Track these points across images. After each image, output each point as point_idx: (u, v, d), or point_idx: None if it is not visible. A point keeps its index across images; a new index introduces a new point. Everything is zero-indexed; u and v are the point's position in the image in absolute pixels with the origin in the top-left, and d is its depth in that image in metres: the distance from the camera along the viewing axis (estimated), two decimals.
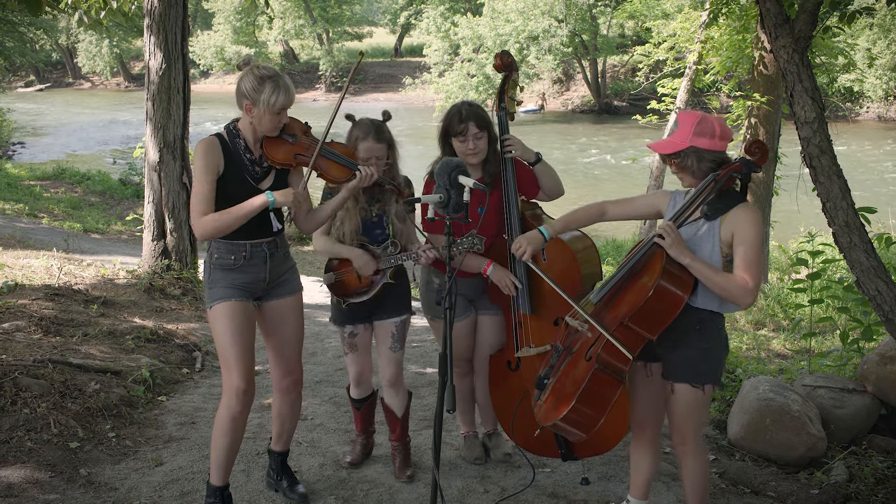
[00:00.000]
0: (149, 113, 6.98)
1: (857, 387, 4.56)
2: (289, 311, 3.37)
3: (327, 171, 3.30)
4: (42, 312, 5.53)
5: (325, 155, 3.28)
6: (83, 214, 12.99)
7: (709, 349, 2.93)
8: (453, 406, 2.71)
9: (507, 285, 3.58)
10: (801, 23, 4.06)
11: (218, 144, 3.17)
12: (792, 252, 9.97)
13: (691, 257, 2.83)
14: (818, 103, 4.09)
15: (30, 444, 3.74)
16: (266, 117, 3.12)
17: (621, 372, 2.89)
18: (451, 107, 3.69)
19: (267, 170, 3.26)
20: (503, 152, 3.65)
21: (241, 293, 3.20)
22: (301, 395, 3.55)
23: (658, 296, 2.81)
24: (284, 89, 3.11)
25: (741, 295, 2.78)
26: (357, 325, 3.72)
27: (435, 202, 2.95)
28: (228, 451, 3.24)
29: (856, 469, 4.05)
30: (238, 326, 3.16)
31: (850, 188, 4.14)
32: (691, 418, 2.99)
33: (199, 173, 3.12)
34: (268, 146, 3.22)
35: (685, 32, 13.91)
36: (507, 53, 3.74)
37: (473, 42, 30.02)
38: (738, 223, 2.83)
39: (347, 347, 3.78)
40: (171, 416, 4.48)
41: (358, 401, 3.92)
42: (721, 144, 2.88)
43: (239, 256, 3.21)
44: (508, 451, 3.99)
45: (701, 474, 3.08)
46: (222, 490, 3.30)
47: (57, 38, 46.70)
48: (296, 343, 3.41)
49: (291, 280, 3.39)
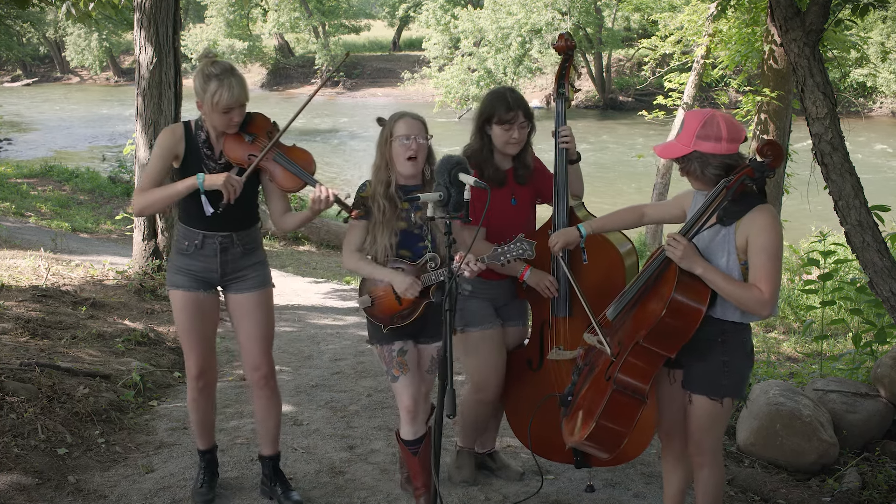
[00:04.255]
0: (139, 109, 6.97)
1: (870, 391, 4.56)
2: (250, 307, 3.46)
3: (275, 177, 3.32)
4: (29, 314, 5.53)
5: (276, 159, 3.29)
6: (71, 213, 12.98)
7: (729, 362, 2.87)
8: (453, 411, 2.69)
9: (547, 287, 3.50)
10: (812, 15, 4.06)
11: (181, 132, 3.33)
12: (803, 252, 9.97)
13: (704, 266, 2.76)
14: (830, 98, 4.09)
15: (16, 451, 3.73)
16: (214, 115, 3.22)
17: (641, 392, 2.86)
18: (493, 91, 3.62)
19: (224, 166, 3.34)
20: (558, 143, 3.58)
21: (193, 281, 3.40)
22: (276, 392, 3.59)
23: (673, 312, 2.76)
24: (229, 87, 3.16)
25: (756, 307, 2.73)
26: (407, 341, 3.33)
27: (434, 200, 2.91)
28: (201, 424, 3.61)
29: (869, 476, 4.05)
30: (190, 317, 3.40)
31: (862, 186, 4.15)
32: (709, 430, 2.97)
33: (154, 154, 3.34)
34: (227, 142, 3.32)
35: (693, 25, 13.90)
36: (571, 35, 3.68)
37: (474, 35, 30.01)
38: (752, 228, 2.76)
39: (397, 368, 3.30)
40: (162, 421, 4.48)
41: (414, 442, 3.32)
42: (729, 147, 2.77)
43: (192, 244, 3.38)
44: (520, 470, 3.92)
45: (715, 488, 3.05)
46: (204, 453, 3.67)
47: (44, 32, 46.67)
48: (260, 339, 3.48)
49: (253, 276, 3.46)
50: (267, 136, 3.33)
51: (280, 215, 3.46)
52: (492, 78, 27.69)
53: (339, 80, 41.50)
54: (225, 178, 3.19)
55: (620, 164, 23.19)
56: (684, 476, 3.17)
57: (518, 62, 29.80)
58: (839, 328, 7.54)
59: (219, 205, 3.27)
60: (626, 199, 17.85)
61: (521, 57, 29.80)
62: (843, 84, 27.39)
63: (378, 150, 3.32)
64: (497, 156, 3.57)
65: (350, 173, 22.53)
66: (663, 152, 2.94)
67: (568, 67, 3.70)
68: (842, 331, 7.68)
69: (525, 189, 3.63)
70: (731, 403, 2.96)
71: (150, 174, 3.30)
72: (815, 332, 6.87)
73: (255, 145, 3.31)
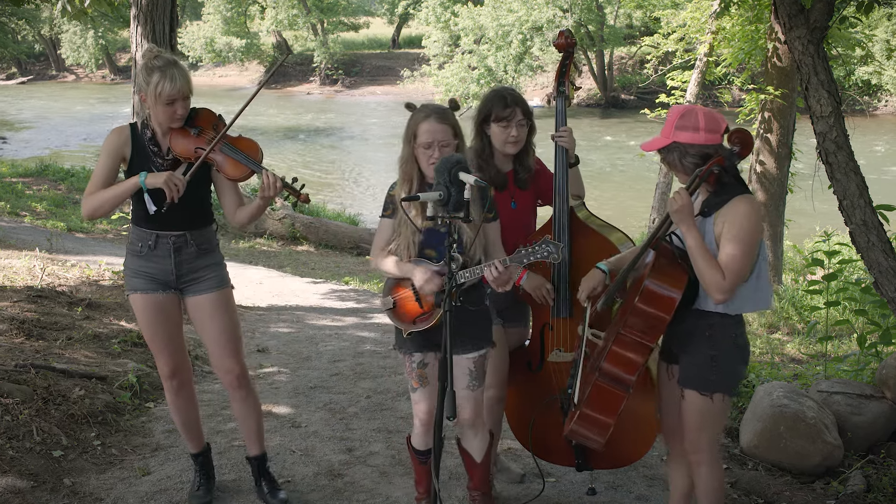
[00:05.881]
0: (136, 107, 6.96)
1: (876, 393, 4.56)
2: (211, 308, 3.45)
3: (222, 167, 3.35)
4: (24, 315, 5.53)
5: (223, 150, 3.32)
6: (67, 213, 12.98)
7: (717, 357, 2.89)
8: (453, 413, 2.68)
9: (543, 295, 3.47)
10: (816, 12, 4.06)
11: (127, 133, 3.36)
12: (807, 252, 9.97)
13: (689, 226, 2.81)
14: (834, 97, 4.09)
15: (11, 453, 3.73)
16: (157, 108, 3.25)
17: (625, 382, 2.89)
18: (491, 91, 3.61)
19: (172, 162, 3.36)
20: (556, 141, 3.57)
21: (149, 283, 3.40)
22: (252, 392, 3.60)
23: (646, 299, 2.81)
24: (171, 78, 3.19)
25: (712, 288, 2.77)
26: (427, 353, 3.19)
27: (434, 200, 2.88)
28: (185, 426, 3.63)
29: (874, 479, 4.05)
30: (151, 318, 3.43)
31: (867, 185, 4.15)
32: (703, 427, 2.98)
33: (101, 156, 3.36)
34: (172, 137, 3.34)
35: (695, 22, 13.89)
36: (571, 32, 3.69)
37: (475, 33, 29.99)
38: (728, 216, 2.82)
39: (416, 380, 3.22)
40: (158, 423, 4.48)
41: (423, 452, 3.31)
42: (707, 137, 2.83)
43: (145, 245, 3.38)
44: (520, 472, 3.93)
45: (715, 487, 3.06)
46: (196, 456, 3.68)
47: (40, 29, 46.66)
48: (226, 340, 3.48)
49: (211, 276, 3.46)
50: (213, 129, 3.35)
51: (234, 210, 3.48)
52: (492, 76, 27.68)
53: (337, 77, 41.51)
54: (167, 176, 3.21)
55: (622, 163, 23.19)
56: (690, 479, 3.17)
57: (519, 60, 29.79)
58: (844, 329, 7.53)
59: (163, 204, 3.27)
60: (627, 199, 17.86)
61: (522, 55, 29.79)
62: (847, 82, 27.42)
63: (404, 143, 3.17)
64: (497, 157, 3.56)
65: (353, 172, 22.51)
66: (647, 146, 3.02)
67: (568, 65, 3.68)
68: (846, 332, 7.67)
69: (525, 193, 3.62)
70: (725, 400, 2.96)
71: (97, 176, 3.32)
72: (819, 333, 6.86)
73: (202, 138, 3.33)
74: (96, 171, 3.34)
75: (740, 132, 2.90)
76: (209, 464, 3.71)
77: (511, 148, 3.52)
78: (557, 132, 3.58)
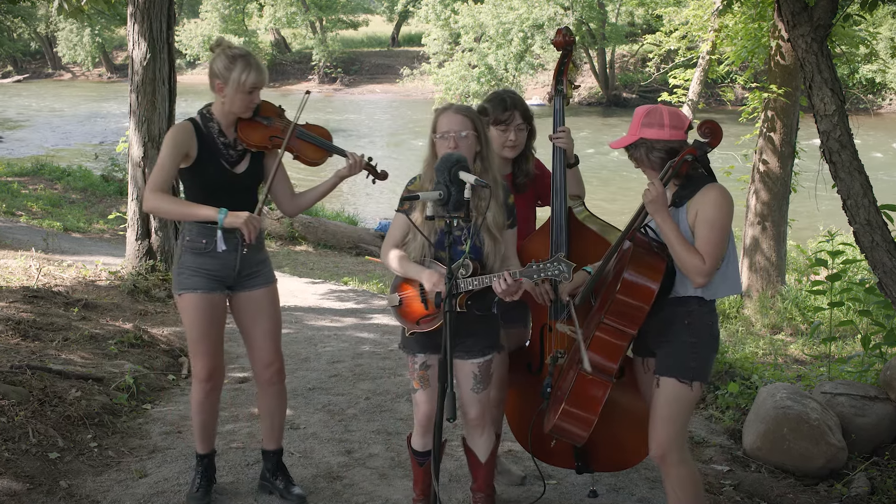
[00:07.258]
0: (132, 105, 6.98)
1: (880, 394, 4.56)
2: (263, 303, 3.50)
3: (302, 153, 3.45)
4: (20, 316, 5.53)
5: (300, 136, 3.42)
6: (63, 212, 12.98)
7: (696, 344, 2.96)
8: (453, 414, 2.69)
9: (541, 294, 3.46)
10: (820, 10, 4.06)
11: (191, 129, 3.34)
12: (811, 252, 9.96)
13: (664, 217, 2.91)
14: (838, 95, 4.09)
15: (7, 455, 3.73)
16: (237, 97, 3.28)
17: (609, 371, 2.98)
18: (491, 94, 3.65)
19: (242, 153, 3.39)
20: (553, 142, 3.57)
21: (210, 283, 3.37)
22: (285, 386, 3.67)
23: (626, 290, 2.90)
24: (255, 68, 3.28)
25: (693, 273, 2.88)
26: (430, 355, 3.16)
27: (434, 199, 2.89)
28: (204, 427, 3.60)
29: (878, 481, 4.05)
30: (207, 320, 3.38)
31: (871, 184, 4.15)
32: (675, 419, 2.97)
33: (166, 152, 3.31)
34: (243, 129, 3.36)
35: (698, 20, 13.89)
36: (569, 30, 3.69)
37: (475, 31, 30.05)
38: (700, 204, 2.93)
39: (417, 381, 3.22)
40: (155, 424, 4.48)
41: (422, 454, 3.31)
42: (672, 133, 2.96)
43: (211, 240, 3.33)
44: (521, 474, 3.94)
45: (691, 486, 3.02)
46: (202, 457, 3.64)
47: (36, 27, 46.69)
48: (273, 334, 3.55)
49: (264, 272, 3.53)
50: (279, 119, 3.42)
51: (289, 199, 3.54)
52: (492, 74, 27.72)
53: (336, 76, 41.53)
54: (246, 217, 3.22)
55: (623, 162, 23.20)
56: None
57: (519, 58, 29.84)
58: (848, 330, 7.54)
59: (242, 246, 3.35)
60: (627, 198, 17.85)
61: (522, 53, 29.84)
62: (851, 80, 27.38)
63: (428, 144, 3.22)
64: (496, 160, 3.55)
65: None
66: (615, 144, 3.12)
67: (566, 64, 3.69)
68: (850, 333, 7.68)
69: (524, 196, 3.62)
70: (700, 390, 2.99)
71: (164, 173, 3.29)
72: (823, 334, 6.86)
73: (275, 127, 3.39)
74: (160, 167, 3.30)
75: (709, 123, 2.99)
76: (212, 466, 3.71)
77: (509, 152, 3.55)
78: (555, 133, 3.59)
